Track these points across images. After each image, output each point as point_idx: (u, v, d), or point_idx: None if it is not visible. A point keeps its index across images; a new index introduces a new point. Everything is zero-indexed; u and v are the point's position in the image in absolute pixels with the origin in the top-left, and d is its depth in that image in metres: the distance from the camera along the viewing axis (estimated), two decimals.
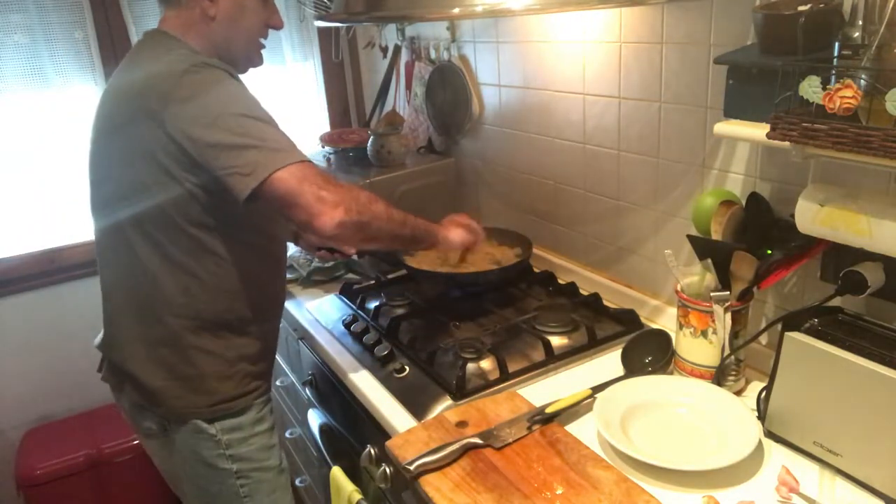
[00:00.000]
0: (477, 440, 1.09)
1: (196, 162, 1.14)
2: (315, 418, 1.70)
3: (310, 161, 1.16)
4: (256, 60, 1.37)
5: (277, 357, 1.94)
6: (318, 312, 1.68)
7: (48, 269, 2.18)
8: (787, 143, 0.95)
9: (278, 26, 1.35)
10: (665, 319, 1.46)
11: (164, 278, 1.23)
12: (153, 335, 1.27)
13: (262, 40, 1.35)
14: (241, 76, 1.35)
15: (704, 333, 1.18)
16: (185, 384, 1.28)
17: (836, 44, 0.90)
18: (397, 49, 2.24)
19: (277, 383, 2.01)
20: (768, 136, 0.96)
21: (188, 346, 1.27)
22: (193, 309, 1.25)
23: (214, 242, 1.23)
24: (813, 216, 1.01)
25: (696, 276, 1.24)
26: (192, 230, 1.21)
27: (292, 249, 1.97)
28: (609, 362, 1.35)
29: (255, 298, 1.32)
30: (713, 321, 1.17)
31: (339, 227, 1.13)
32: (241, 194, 1.12)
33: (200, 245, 1.23)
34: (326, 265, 1.87)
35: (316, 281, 1.86)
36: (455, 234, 1.43)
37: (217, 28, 1.26)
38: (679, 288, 1.22)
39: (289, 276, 1.82)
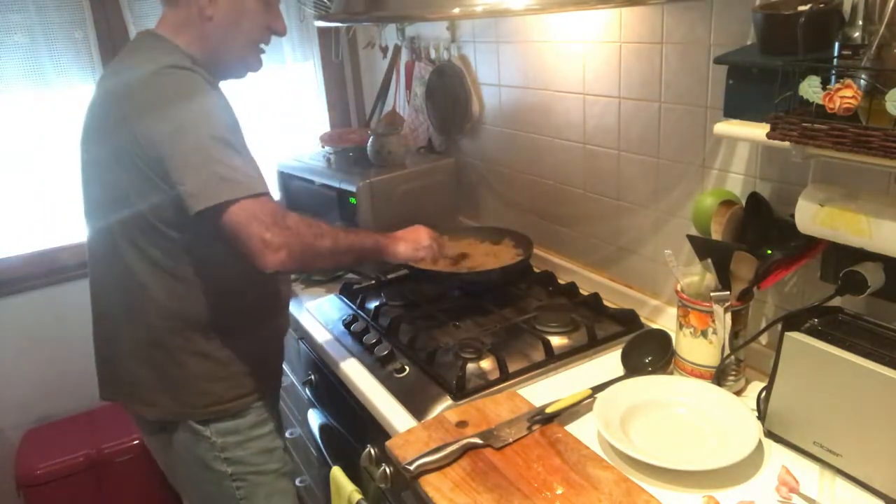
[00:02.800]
0: (477, 440, 1.09)
1: (162, 168, 1.13)
2: (315, 418, 1.70)
3: (264, 194, 1.15)
4: (254, 65, 1.33)
5: None
6: (318, 312, 1.68)
7: (48, 269, 2.18)
8: (787, 143, 0.95)
9: (281, 32, 1.32)
10: (665, 319, 1.46)
11: (149, 281, 1.23)
12: (142, 337, 1.27)
13: (263, 45, 1.32)
14: (240, 80, 1.35)
15: (704, 333, 1.18)
16: (177, 385, 1.28)
17: (836, 44, 0.90)
18: (397, 49, 2.24)
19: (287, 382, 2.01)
20: (768, 136, 0.96)
21: (176, 347, 1.26)
22: (179, 311, 1.25)
23: (195, 244, 1.22)
24: (813, 216, 1.01)
25: (696, 276, 1.24)
26: (171, 233, 1.20)
27: None
28: (609, 362, 1.35)
29: (246, 299, 1.31)
30: (713, 321, 1.17)
31: (279, 267, 1.15)
32: (189, 210, 1.12)
33: (181, 247, 1.22)
34: None
35: (316, 281, 1.86)
36: (402, 248, 1.40)
37: (213, 29, 1.24)
38: (679, 288, 1.22)
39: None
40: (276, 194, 1.49)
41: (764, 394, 1.09)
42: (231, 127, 1.17)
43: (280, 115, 2.47)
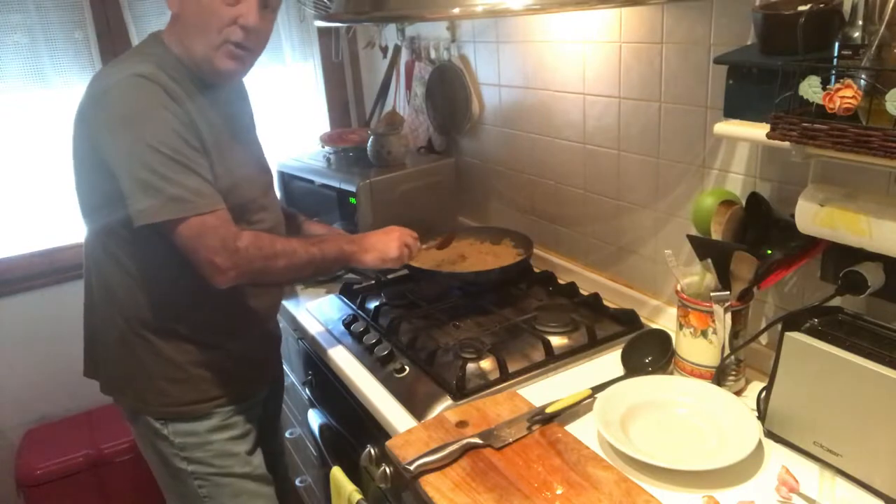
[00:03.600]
0: (477, 440, 1.09)
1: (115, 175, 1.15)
2: (315, 418, 1.70)
3: (216, 212, 1.15)
4: (221, 64, 1.20)
5: None
6: (318, 312, 1.68)
7: (48, 269, 2.18)
8: (787, 143, 0.95)
9: (249, 23, 1.17)
10: (665, 319, 1.46)
11: (114, 279, 1.28)
12: (112, 331, 1.31)
13: (234, 40, 1.19)
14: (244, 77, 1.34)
15: (704, 333, 1.18)
16: (138, 382, 1.32)
17: (836, 44, 0.90)
18: (397, 49, 2.24)
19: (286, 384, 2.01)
20: (768, 136, 0.96)
21: (137, 345, 1.30)
22: (135, 310, 1.28)
23: (152, 253, 1.24)
24: (813, 216, 1.01)
25: (696, 276, 1.24)
26: (132, 237, 1.22)
27: None
28: (609, 362, 1.35)
29: (203, 311, 1.30)
30: (713, 321, 1.17)
31: (230, 285, 1.19)
32: (135, 222, 1.14)
33: (146, 249, 1.24)
34: None
35: (316, 281, 1.86)
36: (369, 258, 1.38)
37: (182, 27, 1.21)
38: (679, 288, 1.22)
39: None
40: (276, 194, 1.49)
41: (764, 394, 1.09)
42: (181, 142, 1.14)
43: (280, 115, 2.47)
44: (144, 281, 1.26)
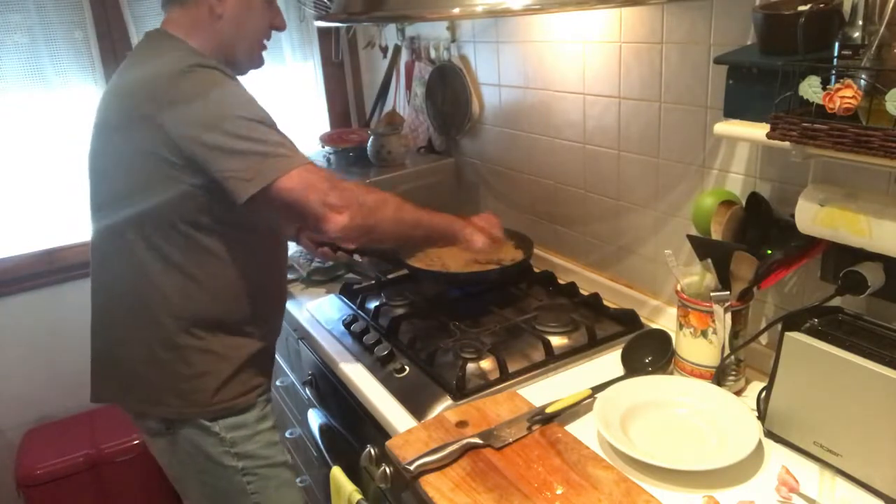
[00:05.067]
0: (477, 440, 1.09)
1: (194, 163, 1.14)
2: (315, 418, 1.70)
3: (311, 163, 1.17)
4: (258, 62, 1.37)
5: (277, 357, 1.94)
6: (318, 312, 1.68)
7: (48, 269, 2.18)
8: (787, 143, 0.95)
9: (281, 28, 1.35)
10: (665, 319, 1.46)
11: (162, 279, 1.23)
12: (151, 336, 1.27)
13: (266, 41, 1.35)
14: (241, 77, 1.35)
15: (704, 333, 1.18)
16: (186, 385, 1.28)
17: (836, 44, 0.90)
18: (397, 49, 2.24)
19: (277, 383, 2.01)
20: (768, 136, 0.96)
21: (186, 346, 1.27)
22: (191, 310, 1.25)
23: (212, 243, 1.23)
24: (813, 216, 1.01)
25: (696, 276, 1.24)
26: (189, 230, 1.21)
27: (293, 249, 1.98)
28: (609, 362, 1.35)
29: (255, 299, 1.32)
30: (713, 321, 1.17)
31: (343, 231, 1.17)
32: (238, 198, 1.13)
33: (198, 245, 1.22)
34: (326, 265, 1.87)
35: (316, 281, 1.86)
36: (480, 240, 1.40)
37: (223, 27, 1.26)
38: (679, 288, 1.22)
39: (289, 276, 1.82)
40: None
41: (764, 394, 1.09)
42: (264, 110, 1.19)
43: (280, 115, 2.46)
44: (201, 275, 1.24)
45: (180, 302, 1.25)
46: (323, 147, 2.13)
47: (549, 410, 1.16)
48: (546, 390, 1.27)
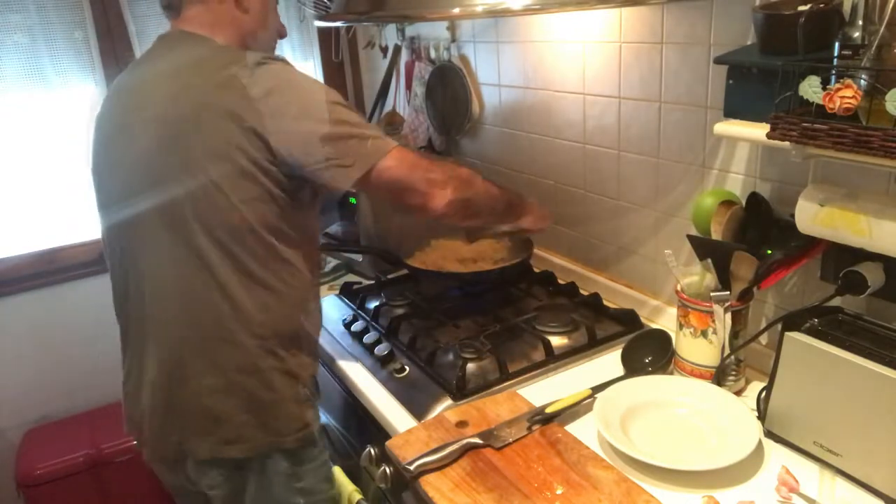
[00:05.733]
0: (477, 440, 1.09)
1: (280, 158, 1.07)
2: None
3: (401, 145, 1.15)
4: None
5: None
6: None
7: (48, 269, 2.18)
8: (787, 143, 0.95)
9: (284, 34, 1.33)
10: (665, 319, 1.46)
11: (240, 293, 1.10)
12: (228, 361, 1.12)
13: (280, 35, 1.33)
14: None
15: (704, 333, 1.18)
16: (267, 413, 1.14)
17: (836, 44, 0.90)
18: (397, 49, 2.24)
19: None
20: (768, 136, 0.96)
21: (269, 368, 1.13)
22: (272, 326, 1.13)
23: (288, 250, 1.14)
24: (813, 216, 1.01)
25: (696, 276, 1.24)
26: (268, 237, 1.10)
27: None
28: (609, 362, 1.35)
29: (315, 310, 1.25)
30: (713, 321, 1.17)
31: (449, 206, 1.15)
32: (341, 185, 1.10)
33: (276, 254, 1.12)
34: (325, 269, 1.88)
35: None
36: (528, 221, 1.37)
37: (249, 22, 1.20)
38: (679, 288, 1.22)
39: None
40: None
41: (764, 394, 1.09)
42: (337, 93, 1.14)
43: None
44: (277, 285, 1.13)
45: (261, 318, 1.12)
46: None
47: (549, 410, 1.16)
48: (546, 390, 1.27)
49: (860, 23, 0.88)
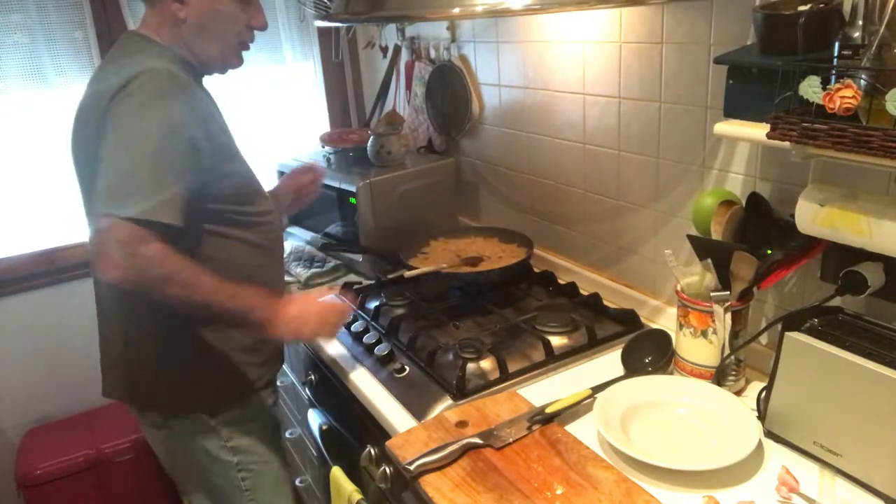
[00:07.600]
0: (477, 440, 1.09)
1: None
2: (315, 418, 1.70)
3: (147, 225, 1.09)
4: (233, 63, 1.33)
5: None
6: None
7: (48, 269, 2.18)
8: (787, 143, 0.95)
9: (262, 27, 1.32)
10: (665, 319, 1.46)
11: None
12: (148, 334, 1.28)
13: (246, 41, 1.32)
14: (241, 80, 1.35)
15: (704, 333, 1.18)
16: (184, 379, 1.30)
17: (836, 44, 0.90)
18: (397, 49, 2.24)
19: (278, 383, 2.01)
20: (768, 136, 0.96)
21: (183, 342, 1.28)
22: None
23: (197, 237, 1.23)
24: (813, 216, 1.01)
25: (696, 276, 1.24)
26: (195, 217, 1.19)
27: (290, 254, 1.98)
28: (609, 362, 1.35)
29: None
30: (713, 321, 1.17)
31: (113, 280, 1.12)
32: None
33: (185, 238, 1.19)
34: (325, 269, 1.88)
35: (315, 285, 1.86)
36: (287, 329, 1.24)
37: (187, 31, 1.25)
38: (679, 288, 1.22)
39: (288, 279, 1.82)
40: None
41: (764, 394, 1.09)
42: (190, 135, 1.15)
43: (280, 115, 2.46)
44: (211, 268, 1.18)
45: None
46: (323, 147, 2.13)
47: (549, 410, 1.16)
48: (546, 390, 1.27)
49: (860, 23, 0.88)
